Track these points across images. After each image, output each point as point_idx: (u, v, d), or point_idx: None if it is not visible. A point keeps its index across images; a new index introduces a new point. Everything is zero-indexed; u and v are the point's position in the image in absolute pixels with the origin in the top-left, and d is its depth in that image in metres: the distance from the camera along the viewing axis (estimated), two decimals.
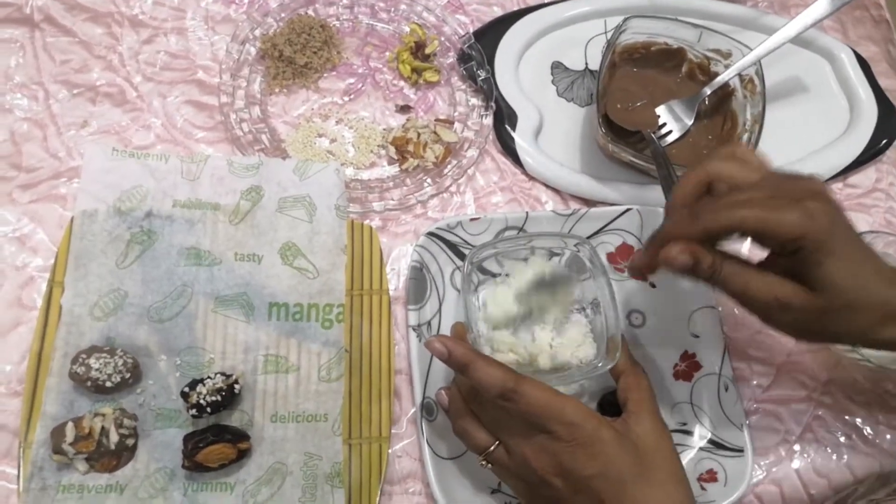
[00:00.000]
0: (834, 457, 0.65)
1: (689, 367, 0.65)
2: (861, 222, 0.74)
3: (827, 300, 0.46)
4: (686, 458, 0.63)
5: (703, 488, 0.61)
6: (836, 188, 0.76)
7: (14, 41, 0.67)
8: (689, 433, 0.64)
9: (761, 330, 0.68)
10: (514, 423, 0.51)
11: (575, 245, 0.62)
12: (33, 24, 0.68)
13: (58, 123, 0.65)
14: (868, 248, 0.47)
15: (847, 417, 0.67)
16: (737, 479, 0.61)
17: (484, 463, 0.53)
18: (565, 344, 0.61)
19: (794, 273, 0.46)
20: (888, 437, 0.67)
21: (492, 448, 0.52)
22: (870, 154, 0.76)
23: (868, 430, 0.67)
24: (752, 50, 0.69)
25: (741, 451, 0.62)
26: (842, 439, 0.66)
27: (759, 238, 0.47)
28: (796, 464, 0.65)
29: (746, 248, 0.63)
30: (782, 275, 0.47)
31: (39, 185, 0.62)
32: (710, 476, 0.62)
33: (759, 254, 0.51)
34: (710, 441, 0.63)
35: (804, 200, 0.45)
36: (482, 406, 0.53)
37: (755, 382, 0.67)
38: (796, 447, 0.65)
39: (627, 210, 0.67)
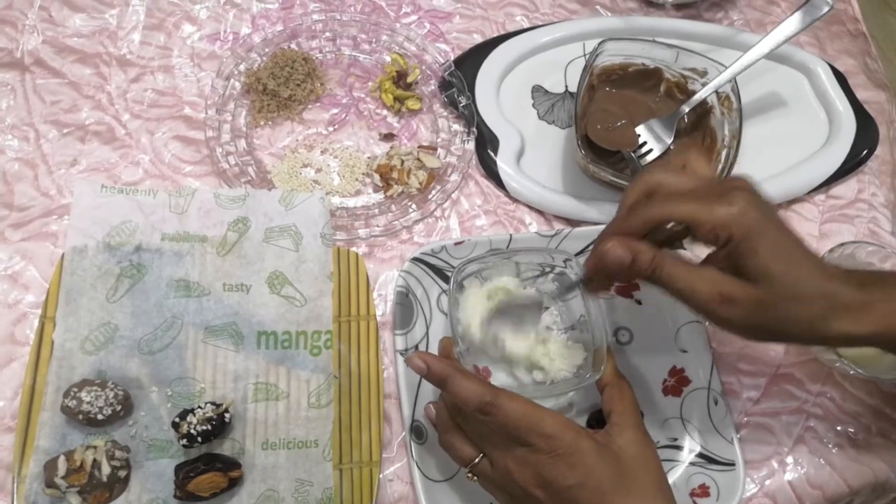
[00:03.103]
0: (827, 468, 0.65)
1: (677, 382, 0.66)
2: (845, 233, 0.75)
3: (767, 290, 0.46)
4: (677, 473, 0.63)
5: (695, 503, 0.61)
6: (819, 200, 0.77)
7: (5, 84, 0.69)
8: (679, 448, 0.64)
9: (749, 343, 0.69)
10: (496, 437, 0.51)
11: (563, 261, 0.63)
12: (24, 68, 0.70)
13: (48, 162, 0.66)
14: (800, 241, 0.47)
15: (839, 428, 0.67)
16: (729, 493, 0.61)
17: (470, 475, 0.54)
18: (550, 358, 0.62)
19: (734, 270, 0.47)
20: (881, 446, 0.66)
21: (476, 461, 0.53)
22: (851, 165, 0.77)
23: (861, 440, 0.67)
24: (727, 67, 0.70)
25: (732, 464, 0.62)
26: (834, 450, 0.66)
27: (693, 229, 0.48)
28: (789, 476, 0.65)
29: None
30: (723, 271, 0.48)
31: (31, 224, 0.64)
32: (703, 491, 0.62)
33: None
34: (701, 455, 0.63)
35: (730, 192, 0.47)
36: (466, 419, 0.54)
37: (745, 395, 0.67)
38: (789, 459, 0.65)
39: None
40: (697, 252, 0.52)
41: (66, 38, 0.72)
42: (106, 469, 0.53)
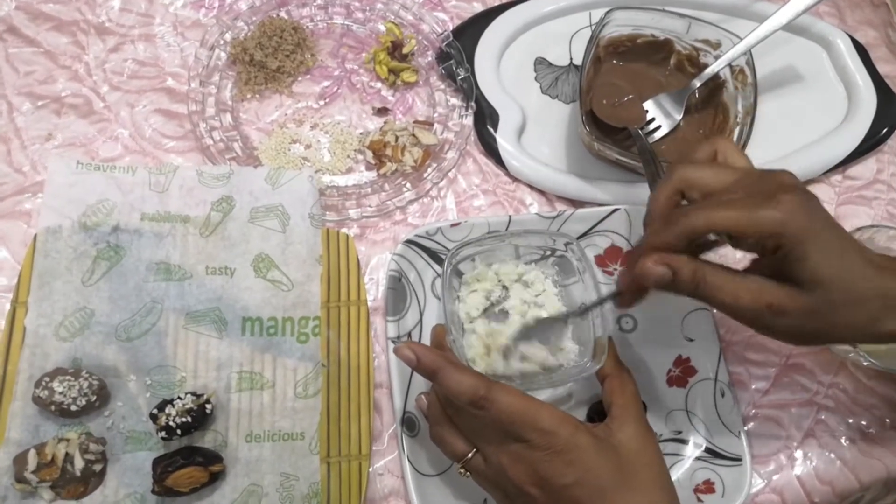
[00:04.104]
0: (838, 463, 0.63)
1: (683, 372, 0.63)
2: (862, 215, 0.71)
3: (821, 298, 0.43)
4: (682, 468, 0.60)
5: (699, 500, 0.59)
6: (836, 180, 0.73)
7: None
8: (684, 442, 0.61)
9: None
10: (490, 431, 0.49)
11: (564, 245, 0.60)
12: None
13: (22, 137, 0.63)
14: (851, 237, 0.44)
15: (851, 421, 0.64)
16: (735, 489, 0.59)
17: (462, 471, 0.51)
18: (549, 348, 0.59)
19: (780, 275, 0.44)
20: (895, 441, 0.64)
21: (469, 456, 0.50)
22: (870, 144, 0.73)
23: (873, 434, 0.64)
24: (741, 39, 0.66)
25: (739, 459, 0.59)
26: (846, 444, 0.63)
27: (738, 238, 0.44)
28: (798, 471, 0.62)
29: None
30: (769, 278, 0.44)
31: (3, 202, 0.61)
32: (707, 487, 0.59)
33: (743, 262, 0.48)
34: (707, 450, 0.60)
35: (778, 194, 0.43)
36: (459, 413, 0.51)
37: (753, 387, 0.64)
38: (798, 453, 0.63)
39: (615, 210, 0.64)
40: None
41: (41, 3, 0.68)
42: (79, 463, 0.51)
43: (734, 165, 0.48)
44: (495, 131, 0.68)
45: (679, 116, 0.68)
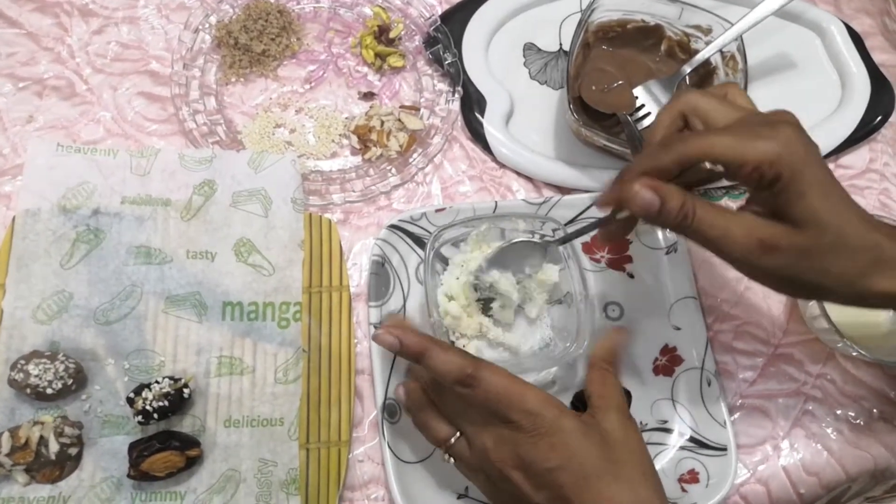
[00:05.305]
0: (825, 454, 0.62)
1: (669, 361, 0.62)
2: None
3: (813, 237, 0.42)
4: (666, 457, 0.60)
5: (683, 489, 0.58)
6: None
7: None
8: (668, 431, 0.60)
9: (747, 320, 0.65)
10: (474, 412, 0.48)
11: (552, 230, 0.59)
12: None
13: (2, 119, 0.62)
14: (844, 189, 0.43)
15: (839, 411, 0.63)
16: (720, 479, 0.58)
17: (446, 457, 0.51)
18: (532, 330, 0.58)
19: (774, 216, 0.43)
20: (882, 431, 0.63)
21: (452, 440, 0.50)
22: (863, 132, 0.72)
23: (861, 425, 0.63)
24: (733, 25, 0.65)
25: (724, 449, 0.59)
26: (833, 435, 0.63)
27: (734, 169, 0.42)
28: (784, 461, 0.61)
29: None
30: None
31: None
32: (692, 476, 0.59)
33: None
34: (692, 439, 0.60)
35: (775, 126, 0.42)
36: (442, 396, 0.50)
37: (741, 376, 0.63)
38: (784, 444, 0.62)
39: None
40: None
41: None
42: (54, 446, 0.50)
43: (739, 104, 0.48)
44: (482, 117, 0.67)
45: None
